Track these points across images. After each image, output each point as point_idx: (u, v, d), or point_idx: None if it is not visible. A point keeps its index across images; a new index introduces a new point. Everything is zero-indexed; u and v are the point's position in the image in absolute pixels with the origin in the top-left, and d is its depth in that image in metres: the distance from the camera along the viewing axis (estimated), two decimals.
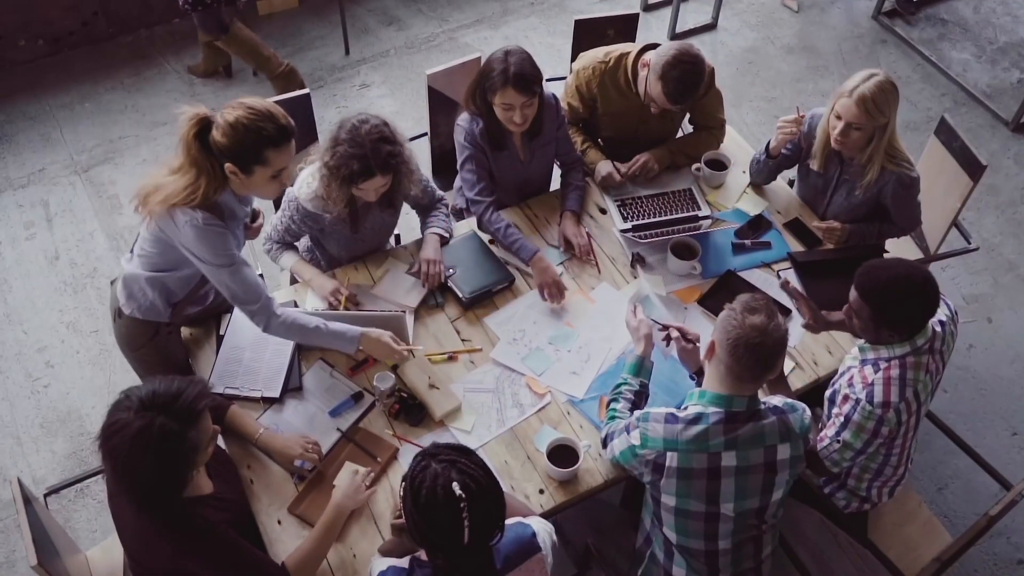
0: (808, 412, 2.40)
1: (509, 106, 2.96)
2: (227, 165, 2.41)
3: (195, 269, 2.58)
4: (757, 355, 2.20)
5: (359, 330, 2.66)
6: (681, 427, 2.27)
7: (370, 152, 2.68)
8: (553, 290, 2.98)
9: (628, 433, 2.37)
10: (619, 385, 2.61)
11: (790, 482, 2.38)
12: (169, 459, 2.00)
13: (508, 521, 2.03)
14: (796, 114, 3.12)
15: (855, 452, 2.52)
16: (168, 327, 2.79)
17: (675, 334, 2.70)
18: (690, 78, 3.01)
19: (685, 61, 2.99)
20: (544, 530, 2.13)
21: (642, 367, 2.64)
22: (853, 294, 2.45)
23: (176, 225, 2.44)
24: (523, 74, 2.92)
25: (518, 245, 3.06)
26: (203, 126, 2.39)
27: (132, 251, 2.68)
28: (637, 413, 2.39)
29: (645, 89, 3.13)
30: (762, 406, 2.32)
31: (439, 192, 3.21)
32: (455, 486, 1.84)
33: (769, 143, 3.20)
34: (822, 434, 2.58)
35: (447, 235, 3.10)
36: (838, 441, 2.53)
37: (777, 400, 2.38)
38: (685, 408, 2.33)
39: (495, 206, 3.15)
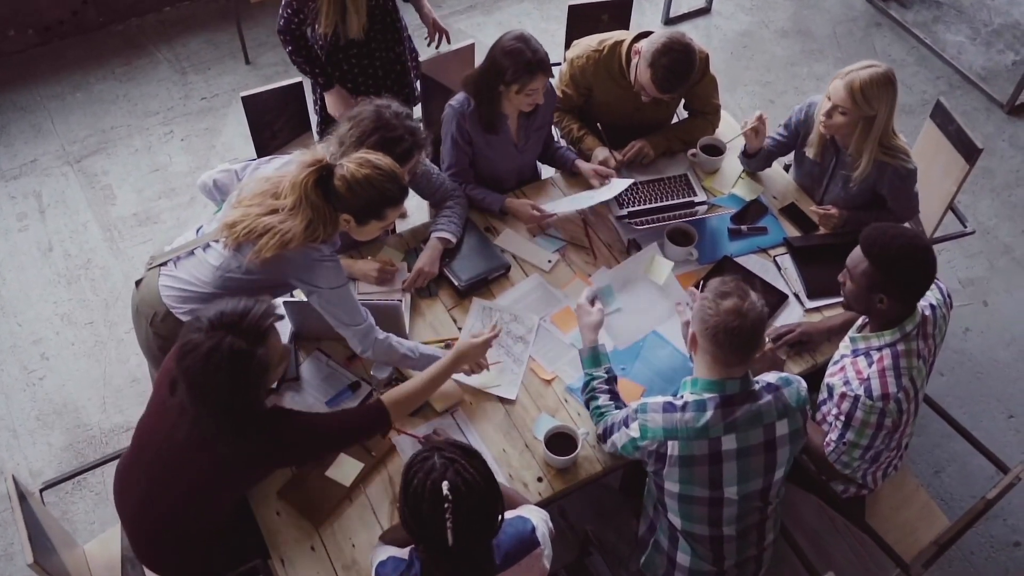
0: (803, 383, 2.40)
1: (535, 90, 2.98)
2: (343, 215, 2.44)
3: (281, 292, 2.64)
4: (739, 338, 2.21)
5: (447, 355, 2.60)
6: (679, 415, 2.28)
7: (406, 132, 2.68)
8: (535, 222, 3.13)
9: (627, 426, 2.36)
10: (588, 383, 2.59)
11: (791, 458, 2.39)
12: (240, 377, 2.06)
13: (508, 514, 2.03)
14: (755, 118, 3.12)
15: (863, 449, 2.52)
16: None
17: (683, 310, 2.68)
18: (679, 67, 2.99)
19: (675, 49, 2.97)
20: (542, 521, 2.13)
21: (599, 355, 2.61)
22: (854, 252, 2.46)
23: (289, 262, 2.44)
24: (546, 57, 2.95)
25: (486, 201, 3.17)
26: (323, 173, 2.40)
27: (175, 263, 2.62)
28: (633, 405, 2.39)
29: (635, 77, 3.12)
30: (756, 385, 2.33)
31: (452, 184, 3.15)
32: (444, 485, 1.82)
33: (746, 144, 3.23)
34: (828, 439, 2.58)
35: (453, 239, 3.03)
36: (844, 443, 2.53)
37: (771, 377, 2.39)
38: (680, 397, 2.34)
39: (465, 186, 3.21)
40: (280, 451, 2.26)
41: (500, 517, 1.92)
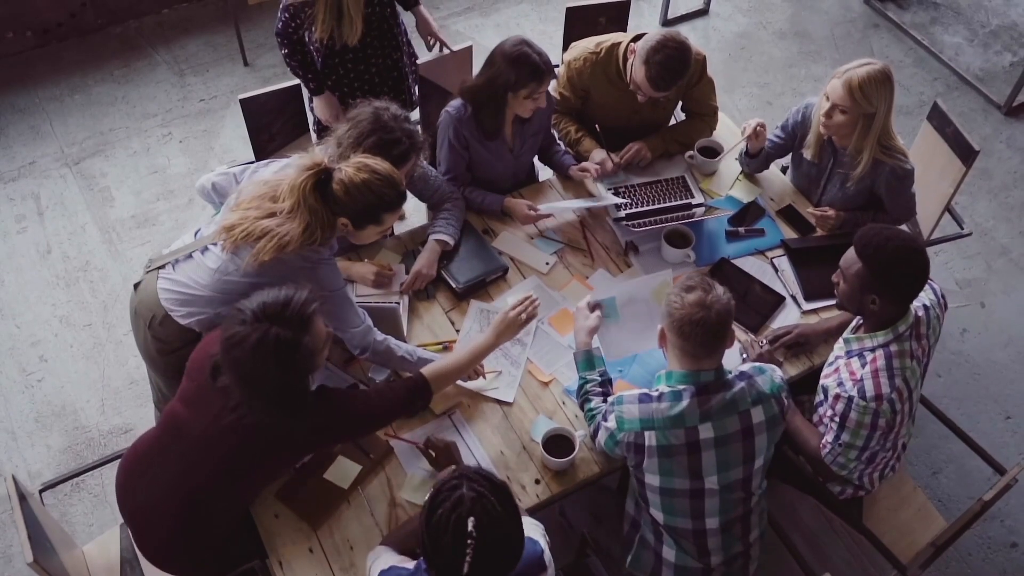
0: (778, 371, 2.43)
1: (541, 94, 2.99)
2: (341, 219, 2.45)
3: None
4: (704, 329, 2.24)
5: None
6: (655, 405, 2.31)
7: (403, 135, 2.68)
8: (531, 222, 3.15)
9: (606, 420, 2.39)
10: (582, 385, 2.60)
11: (770, 447, 2.41)
12: (289, 365, 2.11)
13: None
14: (753, 125, 3.13)
15: (858, 450, 2.53)
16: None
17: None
18: (673, 64, 2.99)
19: (669, 46, 2.98)
20: (544, 538, 2.13)
21: (593, 358, 2.62)
22: (848, 252, 2.47)
23: (287, 265, 2.44)
24: (549, 59, 2.96)
25: (486, 203, 3.19)
26: (321, 177, 2.41)
27: (173, 266, 2.60)
28: (611, 398, 2.41)
29: (631, 76, 3.12)
30: (729, 375, 2.35)
31: (449, 186, 3.15)
32: (470, 521, 1.80)
33: (748, 146, 3.23)
34: (823, 441, 2.59)
35: (451, 242, 3.03)
36: (840, 445, 2.54)
37: (745, 366, 2.41)
38: (656, 389, 2.35)
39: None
40: (329, 429, 2.31)
41: (519, 554, 1.90)
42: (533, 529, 2.13)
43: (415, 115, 3.69)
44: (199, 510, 2.30)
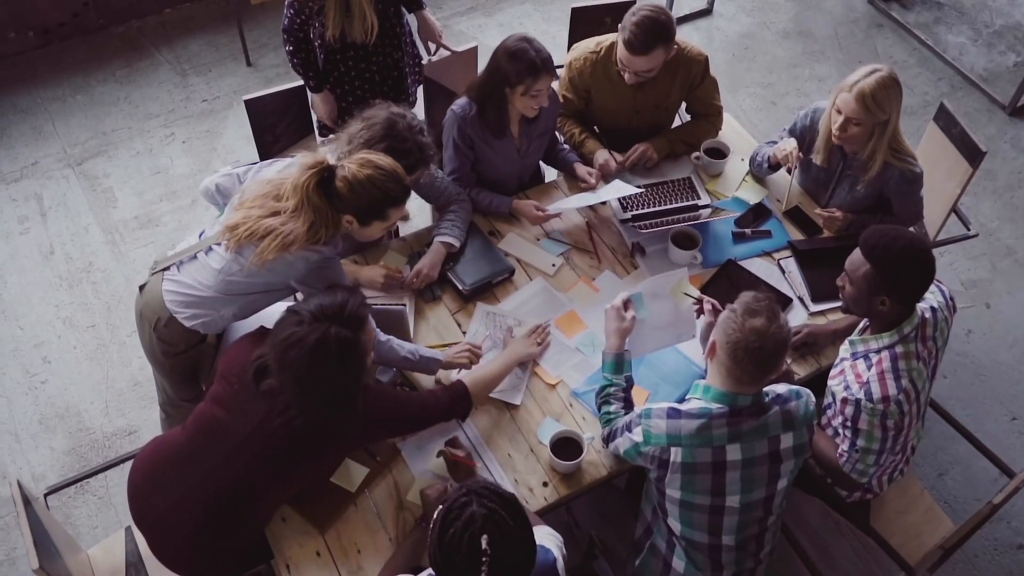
0: (812, 398, 2.40)
1: (539, 91, 2.97)
2: (346, 217, 2.44)
3: (282, 295, 2.62)
4: (756, 359, 2.20)
5: (442, 355, 2.68)
6: (684, 422, 2.27)
7: (415, 147, 2.67)
8: (540, 222, 3.17)
9: (630, 431, 2.36)
10: (605, 387, 2.57)
11: (795, 471, 2.39)
12: (348, 363, 2.17)
13: None
14: (794, 153, 3.07)
15: (875, 454, 2.52)
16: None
17: (708, 307, 2.64)
18: (647, 23, 2.96)
19: (645, 8, 2.98)
20: (557, 548, 2.11)
21: (623, 362, 2.59)
22: (853, 255, 2.46)
23: (291, 264, 2.45)
24: (550, 57, 2.94)
25: (494, 204, 3.18)
26: (324, 175, 2.40)
27: (178, 267, 2.59)
28: (637, 410, 2.38)
29: (618, 59, 3.11)
30: (766, 398, 2.32)
31: (456, 188, 3.13)
32: (483, 539, 1.77)
33: (769, 156, 3.18)
34: (840, 451, 2.57)
35: (457, 244, 3.02)
36: (856, 451, 2.52)
37: (781, 388, 2.38)
38: (688, 401, 2.32)
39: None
40: (377, 427, 2.38)
41: (532, 565, 1.88)
42: (548, 539, 2.12)
43: (420, 115, 3.68)
44: (229, 512, 2.30)
